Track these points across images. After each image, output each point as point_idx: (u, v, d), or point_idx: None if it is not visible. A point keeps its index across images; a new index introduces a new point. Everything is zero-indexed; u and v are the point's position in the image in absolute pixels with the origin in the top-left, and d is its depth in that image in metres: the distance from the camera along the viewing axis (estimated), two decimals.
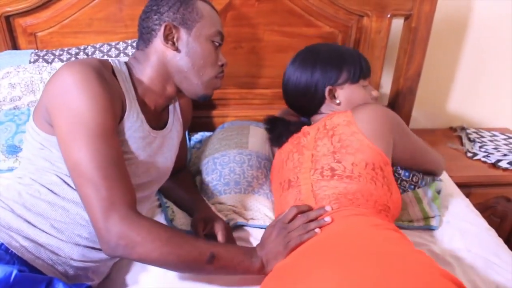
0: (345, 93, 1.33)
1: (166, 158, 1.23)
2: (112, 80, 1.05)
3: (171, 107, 1.28)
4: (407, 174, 1.37)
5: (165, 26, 1.11)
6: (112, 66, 1.12)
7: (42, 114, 1.03)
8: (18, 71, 1.63)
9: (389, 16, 1.78)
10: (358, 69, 1.33)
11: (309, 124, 1.36)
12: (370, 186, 1.14)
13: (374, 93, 1.37)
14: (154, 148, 1.16)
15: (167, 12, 1.13)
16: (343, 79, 1.32)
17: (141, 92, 1.15)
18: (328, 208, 1.11)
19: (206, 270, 1.02)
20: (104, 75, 1.02)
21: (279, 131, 1.39)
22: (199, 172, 1.55)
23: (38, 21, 1.70)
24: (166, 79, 1.17)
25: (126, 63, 1.18)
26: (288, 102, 1.42)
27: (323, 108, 1.34)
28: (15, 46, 1.74)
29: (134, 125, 1.09)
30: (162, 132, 1.20)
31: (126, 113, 1.07)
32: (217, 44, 1.18)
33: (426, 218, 1.36)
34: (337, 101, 1.33)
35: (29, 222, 1.01)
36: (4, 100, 1.62)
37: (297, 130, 1.35)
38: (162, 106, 1.21)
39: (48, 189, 1.04)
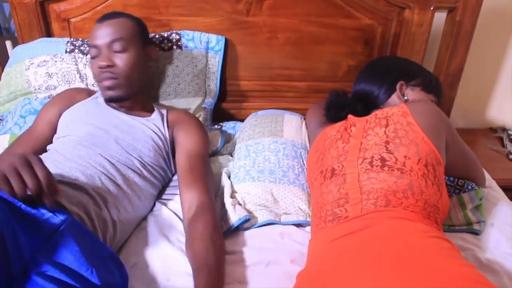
0: (415, 95, 1.35)
1: (124, 131, 1.34)
2: (77, 95, 1.49)
3: (157, 116, 1.44)
4: (451, 179, 1.31)
5: None
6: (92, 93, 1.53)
7: None
8: (55, 61, 1.64)
9: (432, 8, 1.70)
10: (435, 84, 1.41)
11: (360, 114, 1.31)
12: (421, 183, 1.07)
13: None
14: (98, 118, 1.36)
15: None
16: (417, 82, 1.38)
17: None
18: None
19: None
20: (64, 95, 1.50)
21: (342, 104, 1.38)
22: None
23: (71, 6, 1.68)
24: None
25: None
26: (358, 87, 1.44)
27: (387, 104, 1.35)
28: (48, 32, 1.74)
29: (88, 104, 1.44)
30: (120, 115, 1.39)
31: (84, 101, 1.45)
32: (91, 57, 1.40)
33: (469, 223, 1.29)
34: (405, 98, 1.34)
35: None
36: (39, 88, 1.63)
37: (360, 113, 1.35)
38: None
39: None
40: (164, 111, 1.47)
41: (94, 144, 1.27)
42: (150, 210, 1.34)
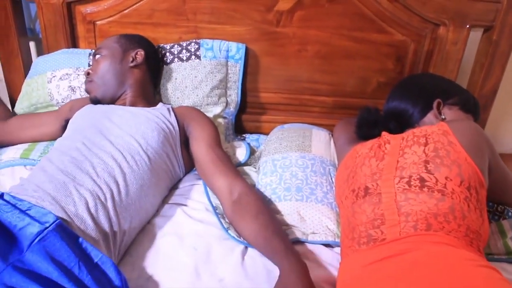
0: (452, 115, 1.28)
1: (127, 117, 1.35)
2: (82, 102, 1.51)
3: (163, 107, 1.46)
4: (490, 204, 1.23)
5: None
6: None
7: None
8: (78, 74, 1.63)
9: (468, 26, 1.64)
10: (473, 104, 1.34)
11: (393, 132, 1.24)
12: (464, 207, 1.00)
13: None
14: (101, 111, 1.40)
15: None
16: (455, 101, 1.31)
17: None
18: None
19: None
20: (73, 102, 1.56)
21: (375, 122, 1.32)
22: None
23: (98, 9, 1.66)
24: None
25: None
26: (391, 104, 1.38)
27: (422, 123, 1.28)
28: (73, 34, 1.71)
29: (89, 107, 1.46)
30: (124, 107, 1.43)
31: (86, 106, 1.47)
32: None
33: (509, 252, 1.21)
34: (443, 117, 1.26)
35: None
36: (62, 102, 1.63)
37: (394, 131, 1.27)
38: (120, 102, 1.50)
39: None
40: (169, 106, 1.49)
41: (99, 131, 1.28)
42: (157, 210, 1.30)
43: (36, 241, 0.92)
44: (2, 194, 1.00)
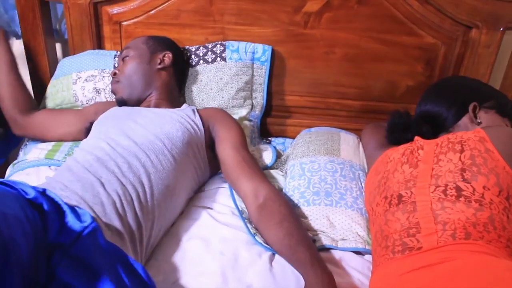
0: (489, 118, 1.23)
1: (152, 118, 1.34)
2: (107, 106, 1.50)
3: (187, 108, 1.44)
4: None
5: None
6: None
7: None
8: (103, 76, 1.62)
9: (502, 29, 1.60)
10: (510, 107, 1.29)
11: (426, 137, 1.20)
12: (503, 218, 0.96)
13: None
14: (125, 113, 1.39)
15: None
16: (491, 104, 1.26)
17: None
18: None
19: None
20: (99, 105, 1.57)
21: (407, 126, 1.28)
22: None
23: (124, 9, 1.65)
24: None
25: None
26: (424, 107, 1.35)
27: (457, 127, 1.22)
28: (99, 35, 1.70)
29: (114, 110, 1.45)
30: (148, 109, 1.43)
31: (111, 108, 1.46)
32: None
33: None
34: (479, 121, 1.22)
35: None
36: (87, 103, 1.62)
37: (426, 135, 1.22)
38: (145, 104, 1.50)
39: None
40: (193, 107, 1.48)
41: (123, 132, 1.26)
42: (182, 213, 1.28)
43: (79, 239, 0.90)
44: (44, 190, 0.98)
